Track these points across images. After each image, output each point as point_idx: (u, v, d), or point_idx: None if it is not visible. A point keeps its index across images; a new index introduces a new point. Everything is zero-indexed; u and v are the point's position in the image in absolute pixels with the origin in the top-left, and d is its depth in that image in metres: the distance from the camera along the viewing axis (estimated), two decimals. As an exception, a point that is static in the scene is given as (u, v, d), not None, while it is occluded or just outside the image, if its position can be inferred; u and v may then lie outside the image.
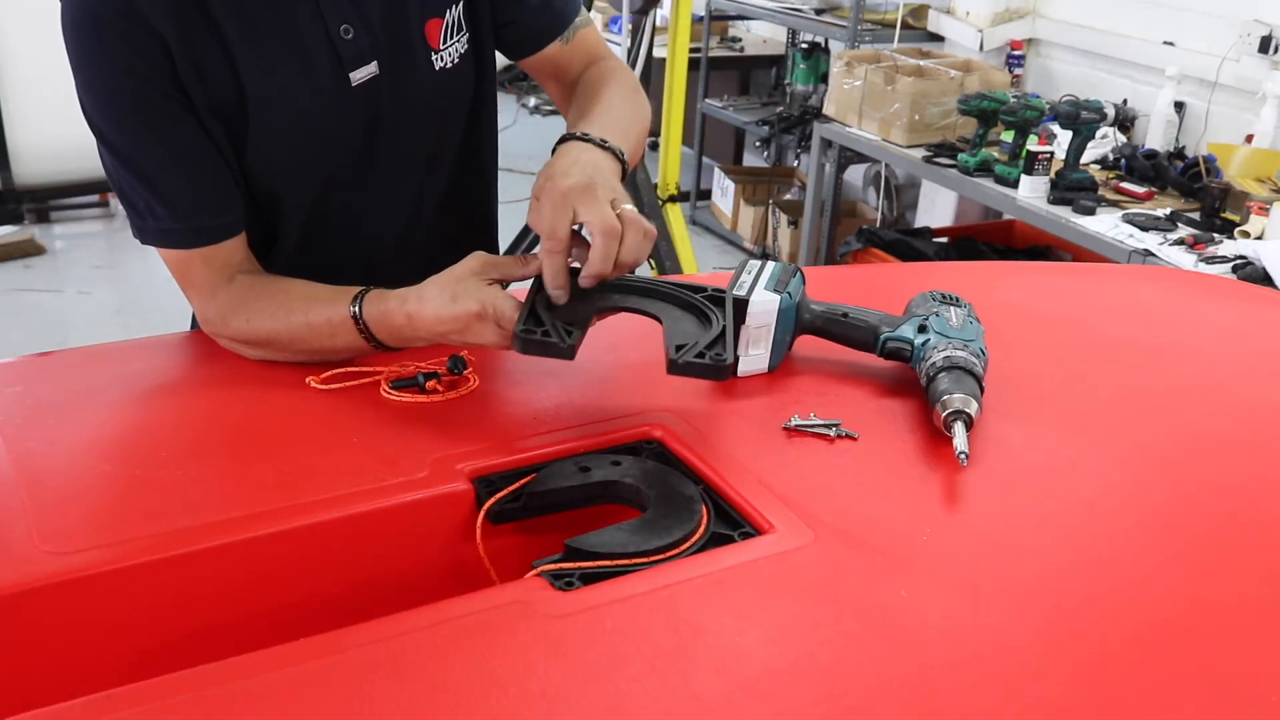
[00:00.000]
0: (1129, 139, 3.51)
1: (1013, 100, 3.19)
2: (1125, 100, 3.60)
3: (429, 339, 1.11)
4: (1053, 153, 3.11)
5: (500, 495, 0.95)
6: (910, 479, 1.00)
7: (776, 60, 5.45)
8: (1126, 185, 3.15)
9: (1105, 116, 3.18)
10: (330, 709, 0.71)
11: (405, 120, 1.25)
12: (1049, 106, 3.20)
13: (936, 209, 4.40)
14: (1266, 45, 3.20)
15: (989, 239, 3.81)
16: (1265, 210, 2.79)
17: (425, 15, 1.22)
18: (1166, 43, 3.50)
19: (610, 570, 0.84)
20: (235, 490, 0.95)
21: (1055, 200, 3.07)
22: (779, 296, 1.13)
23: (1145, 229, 2.88)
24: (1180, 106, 3.44)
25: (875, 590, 0.85)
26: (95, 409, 1.10)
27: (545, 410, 1.08)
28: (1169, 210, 2.99)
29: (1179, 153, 3.32)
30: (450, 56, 1.25)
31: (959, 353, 1.09)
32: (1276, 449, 1.13)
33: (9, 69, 4.19)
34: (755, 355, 1.15)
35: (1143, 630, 0.84)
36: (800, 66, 4.94)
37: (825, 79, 4.67)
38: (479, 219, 1.43)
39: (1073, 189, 3.06)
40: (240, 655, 0.74)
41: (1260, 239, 2.76)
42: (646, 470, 0.98)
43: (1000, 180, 3.20)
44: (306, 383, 1.12)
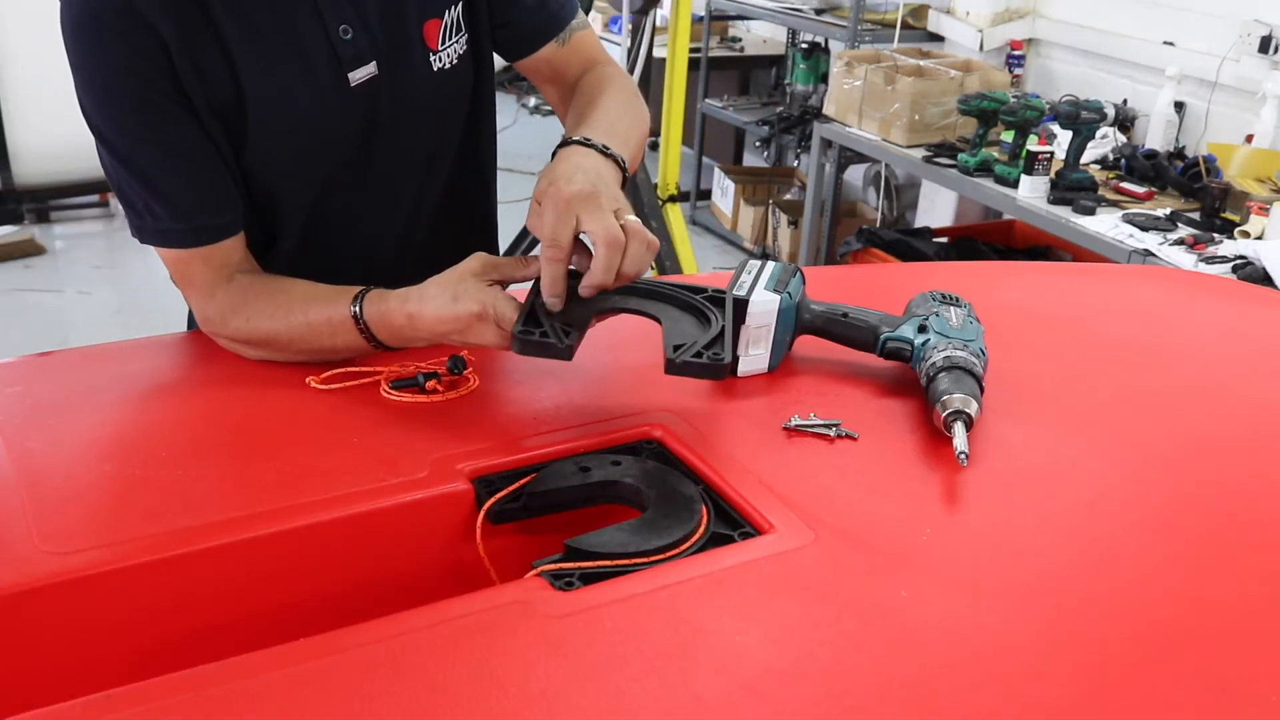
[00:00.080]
0: (1129, 139, 3.51)
1: (1013, 100, 3.19)
2: (1125, 100, 3.60)
3: (429, 339, 1.11)
4: (1053, 153, 3.11)
5: (500, 495, 0.95)
6: (910, 479, 1.00)
7: (776, 60, 5.45)
8: (1126, 185, 3.15)
9: (1105, 116, 3.18)
10: (330, 709, 0.71)
11: (404, 120, 1.25)
12: (1049, 106, 3.20)
13: (936, 209, 4.40)
14: (1266, 45, 3.20)
15: (989, 239, 3.81)
16: (1265, 210, 2.79)
17: (424, 16, 1.22)
18: (1166, 43, 3.50)
19: (610, 570, 0.84)
20: (235, 490, 0.95)
21: (1055, 200, 3.07)
22: (779, 296, 1.13)
23: (1145, 229, 2.88)
24: (1180, 106, 3.44)
25: (875, 590, 0.85)
26: (95, 409, 1.10)
27: (545, 410, 1.08)
28: (1169, 210, 2.99)
29: (1179, 153, 3.32)
30: (449, 57, 1.26)
31: (959, 353, 1.09)
32: (1276, 449, 1.13)
33: (9, 69, 4.19)
34: (755, 355, 1.15)
35: (1143, 630, 0.84)
36: (800, 66, 4.94)
37: (825, 79, 4.67)
38: (478, 219, 1.43)
39: (1073, 189, 3.06)
40: (240, 655, 0.74)
41: (1260, 239, 2.76)
42: (646, 470, 0.98)
43: (1000, 180, 3.20)
44: (306, 383, 1.12)
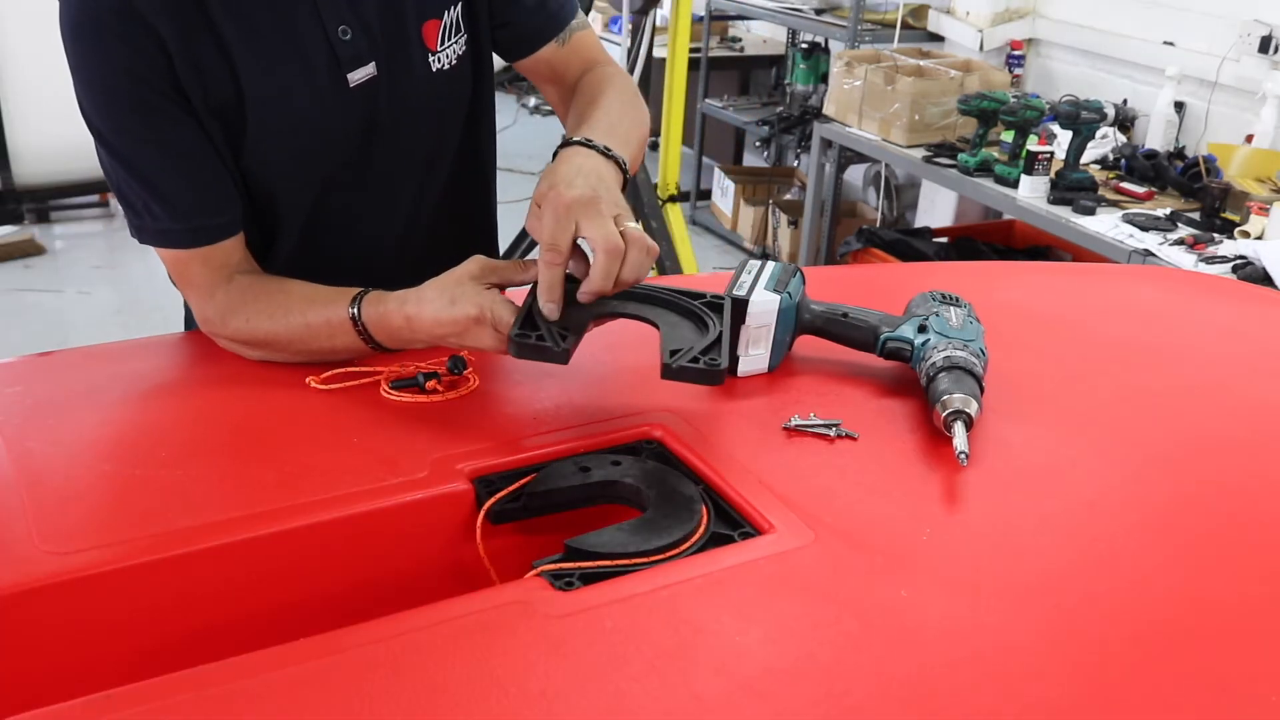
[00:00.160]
0: (1129, 139, 3.51)
1: (1013, 100, 3.19)
2: (1125, 100, 3.60)
3: (427, 341, 1.11)
4: (1053, 153, 3.11)
5: (500, 495, 0.95)
6: (910, 479, 1.00)
7: (776, 60, 5.45)
8: (1126, 185, 3.15)
9: (1105, 116, 3.18)
10: (330, 709, 0.71)
11: (403, 121, 1.25)
12: (1049, 106, 3.20)
13: (936, 209, 4.40)
14: (1266, 45, 3.20)
15: (989, 239, 3.81)
16: (1265, 210, 2.79)
17: (423, 16, 1.22)
18: (1166, 43, 3.50)
19: (610, 570, 0.84)
20: (235, 490, 0.95)
21: (1055, 200, 3.07)
22: (779, 296, 1.13)
23: (1145, 229, 2.88)
24: (1180, 106, 3.44)
25: (875, 590, 0.85)
26: (95, 409, 1.10)
27: (545, 410, 1.08)
28: (1169, 210, 2.99)
29: (1179, 153, 3.32)
30: (448, 58, 1.25)
31: (959, 353, 1.09)
32: (1276, 449, 1.13)
33: (9, 69, 4.20)
34: (755, 355, 1.15)
35: (1143, 630, 0.84)
36: (800, 66, 4.94)
37: (825, 79, 4.67)
38: (478, 220, 1.43)
39: (1073, 189, 3.06)
40: (240, 655, 0.74)
41: (1260, 239, 2.76)
42: (646, 470, 0.97)
43: (1000, 180, 3.20)
44: (306, 383, 1.12)
